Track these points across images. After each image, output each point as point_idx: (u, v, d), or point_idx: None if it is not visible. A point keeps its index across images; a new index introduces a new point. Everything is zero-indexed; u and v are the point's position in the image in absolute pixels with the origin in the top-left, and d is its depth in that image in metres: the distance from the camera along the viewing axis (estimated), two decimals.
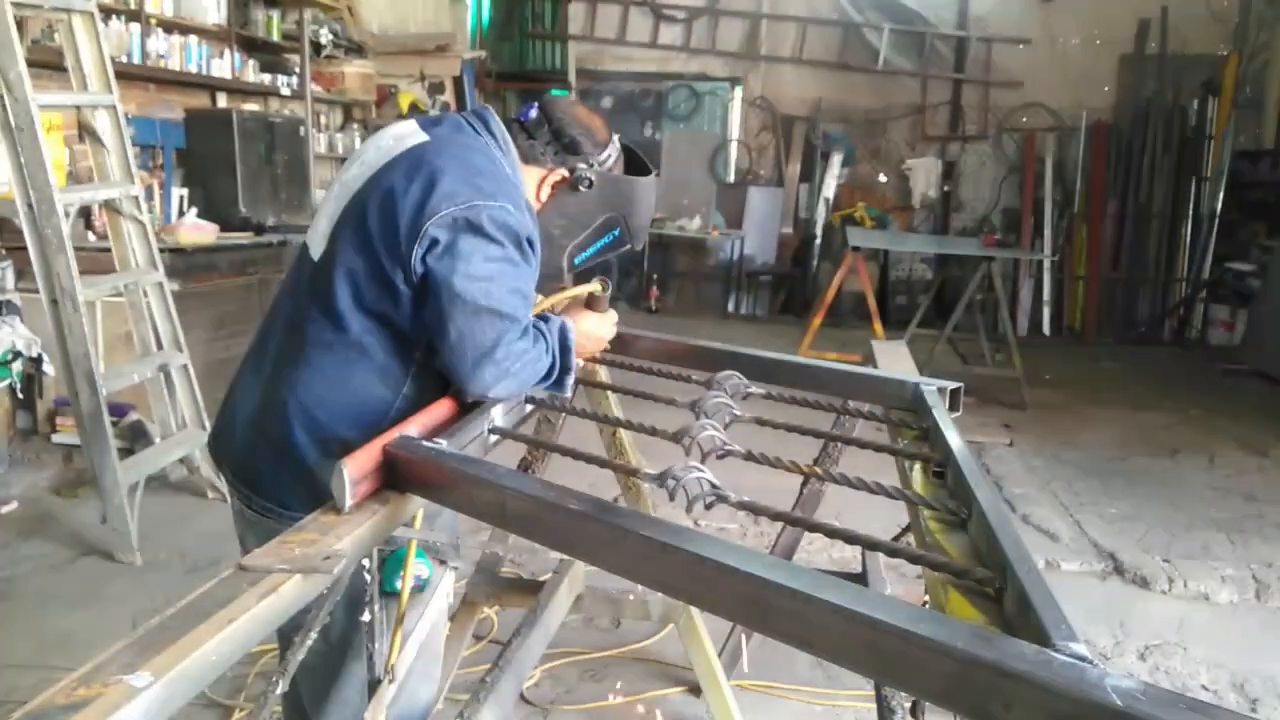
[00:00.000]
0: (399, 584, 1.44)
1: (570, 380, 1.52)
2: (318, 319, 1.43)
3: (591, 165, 1.57)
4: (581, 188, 1.57)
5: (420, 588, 1.47)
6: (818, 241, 8.96)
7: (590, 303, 1.72)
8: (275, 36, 6.17)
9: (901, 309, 8.39)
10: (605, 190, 1.59)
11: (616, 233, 1.64)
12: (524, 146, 1.56)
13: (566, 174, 1.57)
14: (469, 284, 1.35)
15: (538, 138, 1.56)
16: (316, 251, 1.48)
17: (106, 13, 4.53)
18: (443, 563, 1.56)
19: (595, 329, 1.69)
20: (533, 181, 1.56)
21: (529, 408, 1.61)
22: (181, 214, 4.77)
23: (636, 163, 1.67)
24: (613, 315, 1.73)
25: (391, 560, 1.47)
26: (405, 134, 1.50)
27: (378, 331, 1.42)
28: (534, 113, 1.59)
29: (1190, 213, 8.46)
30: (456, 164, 1.41)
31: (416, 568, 1.45)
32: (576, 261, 1.64)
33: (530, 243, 1.43)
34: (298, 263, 1.56)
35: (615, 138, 1.62)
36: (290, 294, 1.54)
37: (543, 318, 1.53)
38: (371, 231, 1.39)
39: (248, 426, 1.51)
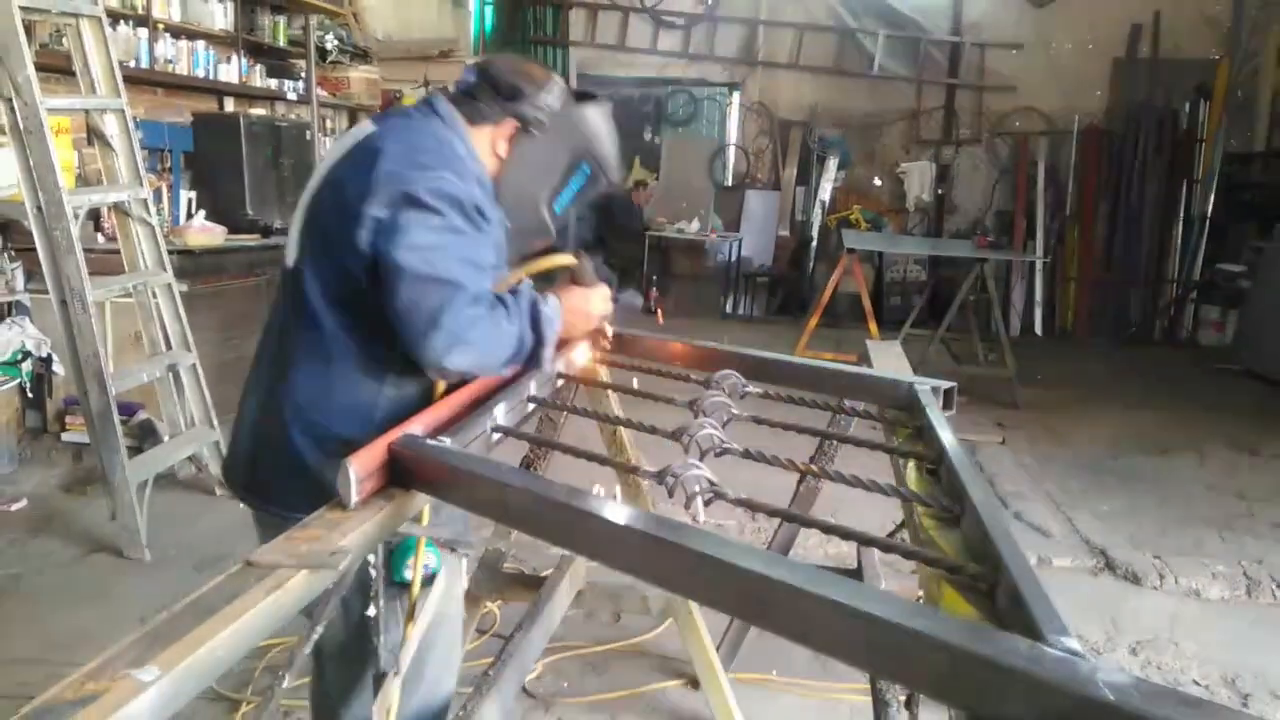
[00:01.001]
0: (408, 574, 1.46)
1: (548, 354, 1.47)
2: (297, 322, 1.47)
3: (537, 107, 1.54)
4: (534, 130, 1.54)
5: (429, 579, 1.49)
6: (814, 244, 8.98)
7: (576, 278, 1.64)
8: (281, 42, 6.20)
9: (896, 310, 8.42)
10: (559, 127, 1.56)
11: (587, 169, 1.61)
12: (469, 111, 1.54)
13: (516, 123, 1.54)
14: (409, 254, 1.34)
15: (480, 97, 1.54)
16: (291, 259, 1.50)
17: (114, 17, 4.56)
18: (453, 550, 1.56)
19: (583, 304, 1.62)
20: (486, 142, 1.55)
21: (531, 406, 1.63)
22: (189, 216, 4.79)
23: (582, 95, 1.65)
24: (603, 290, 1.66)
25: (399, 550, 1.48)
26: (357, 130, 1.53)
27: (350, 325, 1.44)
28: (472, 76, 1.57)
29: (1181, 214, 8.50)
30: (397, 145, 1.42)
31: (425, 558, 1.47)
32: (557, 210, 1.62)
33: (480, 211, 1.42)
34: (279, 274, 1.59)
35: (555, 76, 1.60)
36: (276, 305, 1.58)
37: (512, 292, 1.49)
38: (328, 227, 1.42)
39: (250, 438, 1.55)
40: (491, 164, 1.56)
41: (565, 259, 1.65)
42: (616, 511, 1.06)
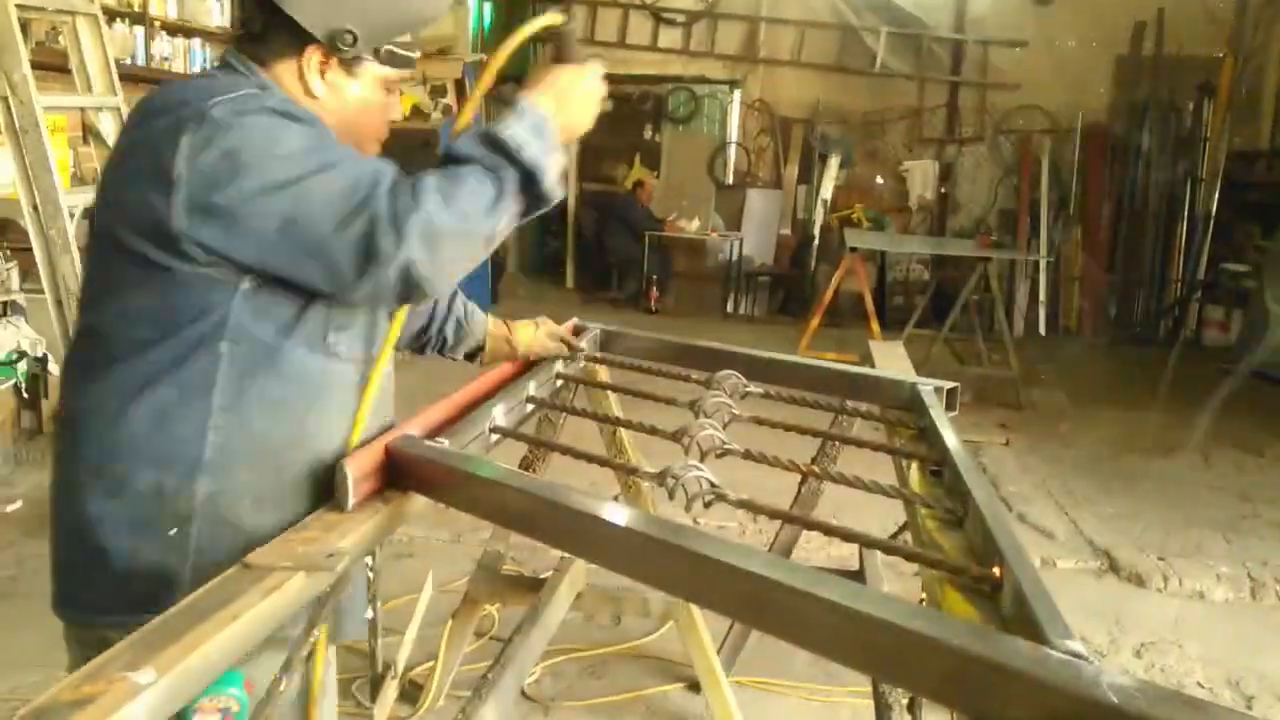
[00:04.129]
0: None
1: (550, 176, 1.07)
2: (79, 338, 1.14)
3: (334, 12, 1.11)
4: (343, 45, 1.11)
5: None
6: (816, 243, 8.97)
7: (560, 52, 1.22)
8: None
9: (899, 310, 8.41)
10: (377, 23, 1.13)
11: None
12: (252, 52, 1.14)
13: (318, 48, 1.13)
14: (260, 172, 0.99)
15: (262, 32, 1.14)
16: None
17: (111, 15, 4.56)
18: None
19: (577, 85, 1.17)
20: (292, 83, 1.14)
21: (530, 407, 1.62)
22: None
23: None
24: (595, 67, 1.22)
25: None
26: None
27: (145, 310, 1.07)
28: (239, 8, 1.20)
29: (1186, 213, 8.48)
30: (170, 87, 1.12)
31: (227, 699, 1.08)
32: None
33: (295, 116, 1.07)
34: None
35: None
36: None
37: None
38: (112, 200, 1.09)
39: (53, 530, 1.17)
40: (301, 105, 1.14)
41: (551, 18, 1.21)
42: (616, 513, 1.05)
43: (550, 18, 1.20)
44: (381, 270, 1.00)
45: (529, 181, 1.06)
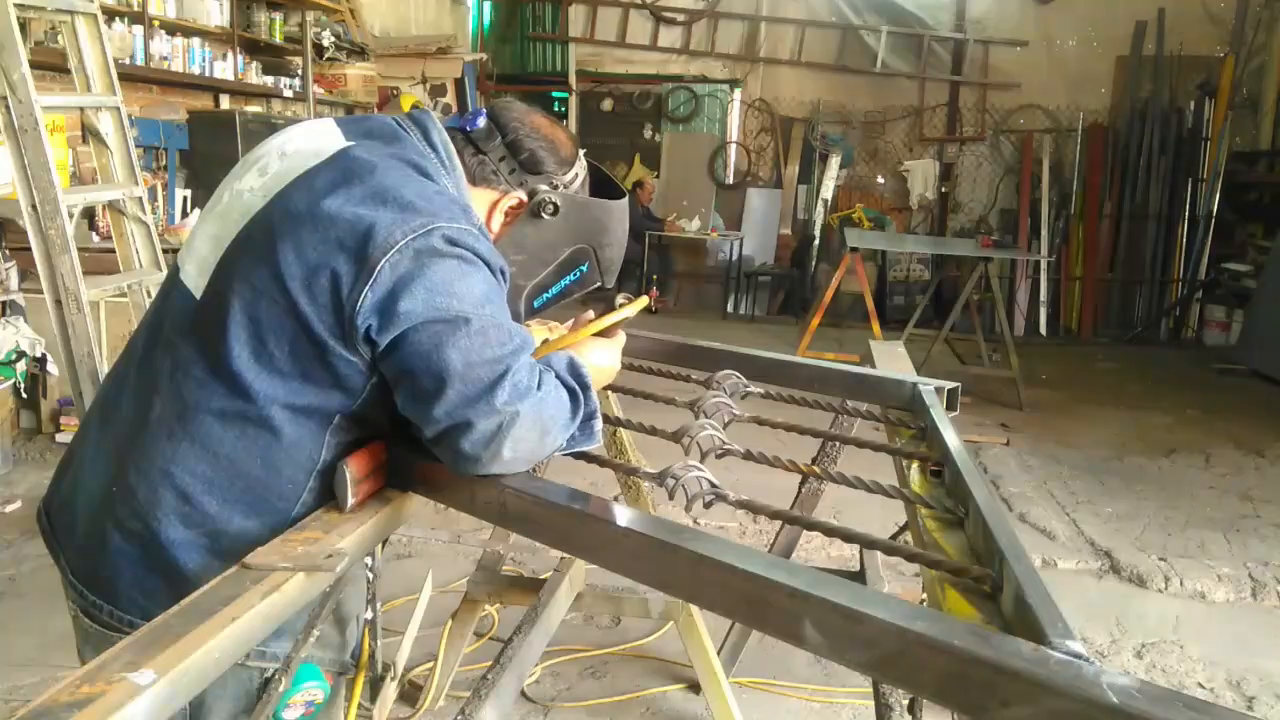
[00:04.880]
0: (288, 714, 1.18)
1: (599, 426, 1.22)
2: (203, 380, 1.10)
3: (555, 186, 1.29)
4: (544, 214, 1.28)
5: (313, 715, 1.22)
6: (816, 242, 8.98)
7: (603, 315, 1.39)
8: (278, 39, 6.21)
9: (899, 309, 8.42)
10: (572, 217, 1.30)
11: (584, 268, 1.36)
12: (471, 163, 1.26)
13: (525, 197, 1.28)
14: (450, 302, 1.07)
15: (488, 152, 1.27)
16: (196, 286, 1.14)
17: (110, 15, 4.56)
18: (341, 674, 1.31)
19: (608, 361, 1.37)
20: (482, 206, 1.27)
21: None
22: (185, 215, 4.80)
23: (605, 184, 1.40)
24: (622, 339, 1.43)
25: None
26: (321, 138, 1.20)
27: (289, 397, 1.10)
28: (482, 121, 1.28)
29: (1187, 214, 8.48)
30: (397, 178, 1.13)
31: (311, 691, 1.20)
32: (536, 305, 1.37)
33: (504, 273, 1.17)
34: (166, 297, 1.20)
35: (582, 154, 1.35)
36: (159, 339, 1.17)
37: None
38: (285, 270, 1.06)
39: (93, 518, 1.16)
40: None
41: (641, 302, 1.41)
42: (616, 514, 1.05)
43: (641, 302, 1.41)
44: (483, 416, 1.07)
45: (588, 418, 1.20)
